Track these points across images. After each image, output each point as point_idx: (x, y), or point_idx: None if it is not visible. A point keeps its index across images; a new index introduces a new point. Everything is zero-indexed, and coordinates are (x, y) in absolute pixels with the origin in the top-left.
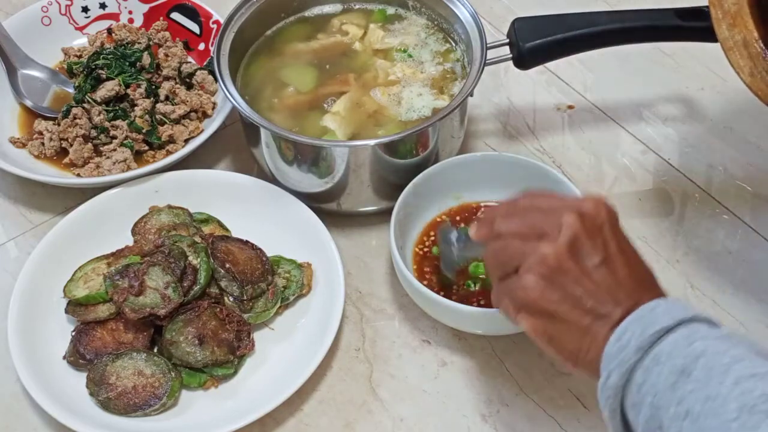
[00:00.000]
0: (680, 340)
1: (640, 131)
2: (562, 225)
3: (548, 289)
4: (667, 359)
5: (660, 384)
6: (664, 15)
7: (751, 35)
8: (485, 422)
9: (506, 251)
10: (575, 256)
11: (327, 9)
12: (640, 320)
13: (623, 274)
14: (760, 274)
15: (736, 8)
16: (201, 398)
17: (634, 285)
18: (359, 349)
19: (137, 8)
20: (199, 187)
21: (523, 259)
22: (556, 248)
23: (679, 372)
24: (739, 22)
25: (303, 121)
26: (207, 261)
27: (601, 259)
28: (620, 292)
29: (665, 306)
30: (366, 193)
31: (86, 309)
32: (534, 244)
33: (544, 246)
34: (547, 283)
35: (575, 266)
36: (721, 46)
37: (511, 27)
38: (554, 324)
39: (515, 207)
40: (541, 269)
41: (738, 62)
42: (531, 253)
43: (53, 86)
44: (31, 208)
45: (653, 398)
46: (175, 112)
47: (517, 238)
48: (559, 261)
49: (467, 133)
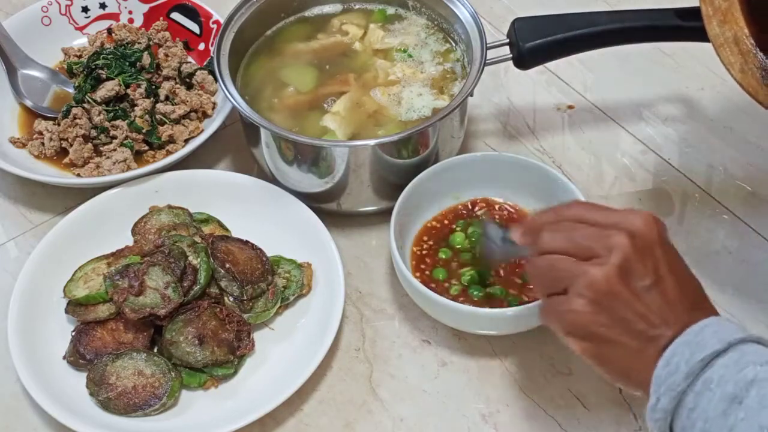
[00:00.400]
0: (730, 365)
1: (640, 131)
2: (612, 246)
3: (598, 313)
4: (717, 385)
5: (711, 410)
6: (664, 15)
7: (742, 32)
8: (485, 422)
9: (554, 270)
10: (626, 278)
11: (327, 9)
12: (689, 343)
13: (673, 294)
14: (760, 274)
15: (726, 5)
16: (201, 398)
17: (684, 305)
18: (359, 349)
19: (137, 8)
20: (199, 187)
21: (571, 281)
22: (606, 272)
23: (731, 399)
24: (730, 19)
25: (303, 121)
26: (207, 261)
27: (652, 281)
28: (670, 314)
29: (714, 327)
30: (366, 193)
31: (86, 309)
32: (583, 267)
33: (593, 269)
34: (597, 308)
35: (625, 289)
36: (711, 43)
37: (511, 27)
38: (604, 347)
39: (563, 218)
40: (591, 293)
41: (729, 59)
42: (580, 275)
43: (53, 86)
44: (31, 208)
45: (704, 424)
46: (175, 112)
47: (565, 256)
48: (609, 285)
49: (467, 133)
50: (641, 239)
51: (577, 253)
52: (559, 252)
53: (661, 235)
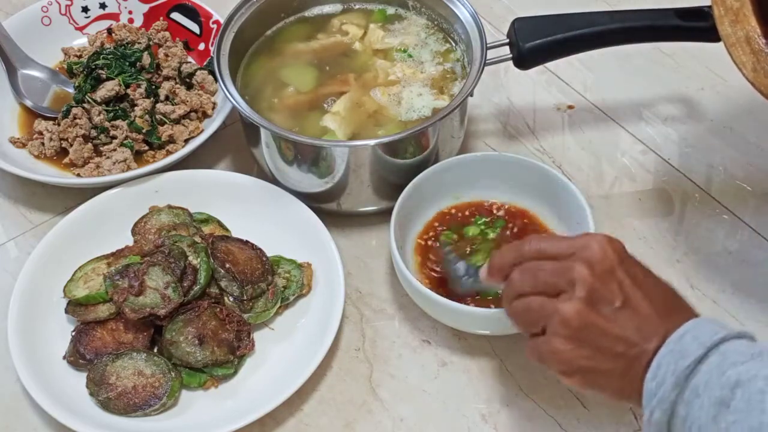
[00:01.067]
0: (713, 370)
1: (640, 131)
2: (574, 280)
3: (578, 348)
4: (704, 391)
5: (702, 417)
6: (664, 15)
7: (754, 31)
8: (485, 422)
9: (529, 313)
10: (595, 307)
11: (327, 9)
12: (672, 352)
13: (645, 308)
14: (760, 274)
15: (738, 5)
16: (201, 398)
17: (659, 315)
18: (359, 349)
19: (137, 8)
20: (199, 187)
21: (546, 321)
22: (574, 306)
23: (719, 404)
24: (742, 19)
25: (303, 121)
26: (207, 261)
27: (621, 302)
28: (647, 328)
29: (693, 332)
30: (366, 193)
31: (86, 309)
32: (554, 304)
33: (563, 306)
34: (575, 343)
35: (597, 317)
36: (723, 43)
37: (511, 27)
38: (593, 376)
39: (524, 255)
40: (566, 331)
41: (741, 58)
42: (552, 314)
43: (53, 86)
44: (31, 208)
45: (699, 431)
46: (175, 112)
47: (536, 296)
48: (581, 318)
49: (467, 133)
50: (600, 265)
51: (545, 290)
52: (529, 293)
53: (620, 254)
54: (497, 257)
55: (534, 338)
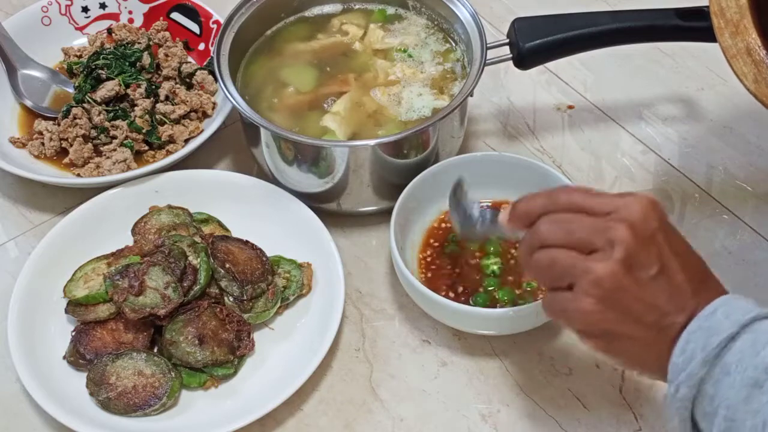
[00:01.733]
0: (746, 349)
1: (640, 131)
2: (613, 240)
3: (607, 310)
4: (735, 371)
5: (732, 397)
6: (664, 15)
7: (755, 43)
8: (485, 422)
9: (556, 267)
10: (630, 271)
11: (327, 9)
12: (703, 329)
13: (680, 279)
14: (760, 274)
15: (738, 17)
16: (201, 398)
17: (693, 288)
18: (359, 349)
19: (137, 8)
20: (199, 187)
21: (575, 278)
22: (610, 267)
23: (752, 385)
24: (742, 30)
25: (303, 121)
26: (207, 261)
27: (658, 269)
28: (680, 299)
29: (725, 308)
30: (366, 193)
31: (86, 309)
32: (587, 263)
33: (597, 265)
34: (605, 305)
35: (632, 282)
36: (723, 55)
37: (511, 27)
38: (616, 342)
39: (556, 205)
40: (597, 291)
41: (742, 69)
42: (584, 273)
43: (53, 86)
44: (31, 208)
45: (727, 411)
46: (175, 112)
47: (565, 250)
48: (615, 281)
49: (467, 133)
50: (642, 228)
51: (577, 246)
52: (557, 245)
53: (662, 219)
54: (523, 202)
55: (555, 292)
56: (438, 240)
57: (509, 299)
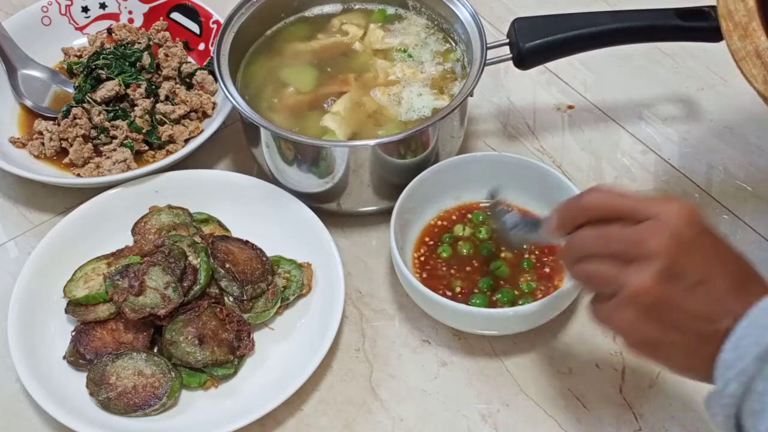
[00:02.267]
0: None
1: (640, 131)
2: (652, 251)
3: (650, 322)
4: None
5: None
6: (664, 15)
7: (764, 45)
8: (485, 422)
9: (598, 277)
10: (671, 282)
11: (327, 9)
12: (758, 326)
13: (724, 285)
14: None
15: (746, 20)
16: (201, 398)
17: (736, 290)
18: (359, 349)
19: (137, 8)
20: (199, 187)
21: (617, 288)
22: (651, 279)
23: None
24: (751, 33)
25: (303, 121)
26: (207, 261)
27: (700, 277)
28: (725, 305)
29: None
30: (366, 193)
31: (86, 309)
32: (626, 274)
33: (637, 277)
34: (647, 317)
35: (672, 293)
36: (732, 57)
37: (511, 27)
38: (660, 349)
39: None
40: (638, 303)
41: (751, 71)
42: (625, 283)
43: (53, 86)
44: (31, 208)
45: None
46: (175, 112)
47: (605, 260)
48: (655, 293)
49: (467, 133)
50: (680, 236)
51: (617, 255)
52: (597, 255)
53: (701, 225)
54: (565, 209)
55: (600, 302)
56: (433, 238)
57: (508, 299)
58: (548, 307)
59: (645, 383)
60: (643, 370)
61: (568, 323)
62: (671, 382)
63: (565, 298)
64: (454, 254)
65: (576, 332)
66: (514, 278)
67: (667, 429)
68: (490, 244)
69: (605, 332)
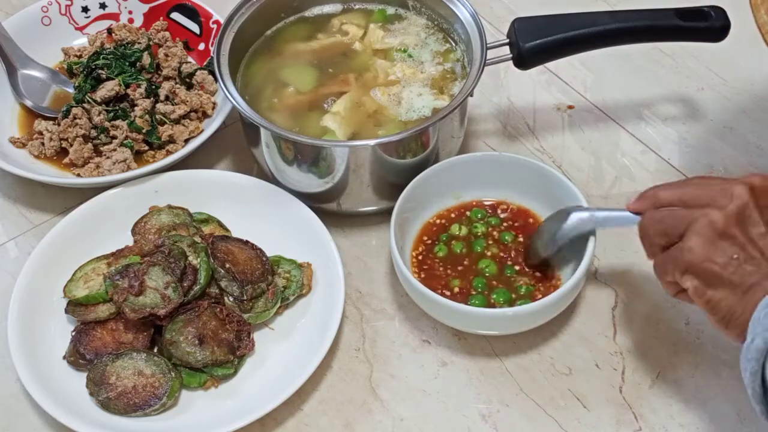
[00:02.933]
0: None
1: (640, 131)
2: (733, 194)
3: (713, 252)
4: None
5: None
6: (664, 15)
7: None
8: (485, 422)
9: (671, 218)
10: (742, 223)
11: (327, 9)
12: None
13: None
14: None
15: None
16: (201, 398)
17: None
18: (359, 349)
19: (137, 8)
20: (199, 187)
21: (689, 225)
22: (725, 214)
23: None
24: None
25: (303, 121)
26: (207, 261)
27: (766, 230)
28: None
29: None
30: (366, 193)
31: (86, 309)
32: (701, 210)
33: (712, 212)
34: (712, 247)
35: (741, 233)
36: (759, 31)
37: (511, 27)
38: (714, 288)
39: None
40: (708, 232)
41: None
42: (699, 217)
43: (53, 86)
44: (31, 208)
45: None
46: (175, 112)
47: (683, 205)
48: (726, 225)
49: (467, 133)
50: (760, 191)
51: (694, 202)
52: (677, 203)
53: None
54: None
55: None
56: (431, 237)
57: (505, 300)
58: (548, 307)
59: (645, 383)
60: (643, 370)
61: (568, 323)
62: (671, 382)
63: (565, 298)
64: (449, 253)
65: (576, 332)
66: (504, 277)
67: (667, 429)
68: (481, 240)
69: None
